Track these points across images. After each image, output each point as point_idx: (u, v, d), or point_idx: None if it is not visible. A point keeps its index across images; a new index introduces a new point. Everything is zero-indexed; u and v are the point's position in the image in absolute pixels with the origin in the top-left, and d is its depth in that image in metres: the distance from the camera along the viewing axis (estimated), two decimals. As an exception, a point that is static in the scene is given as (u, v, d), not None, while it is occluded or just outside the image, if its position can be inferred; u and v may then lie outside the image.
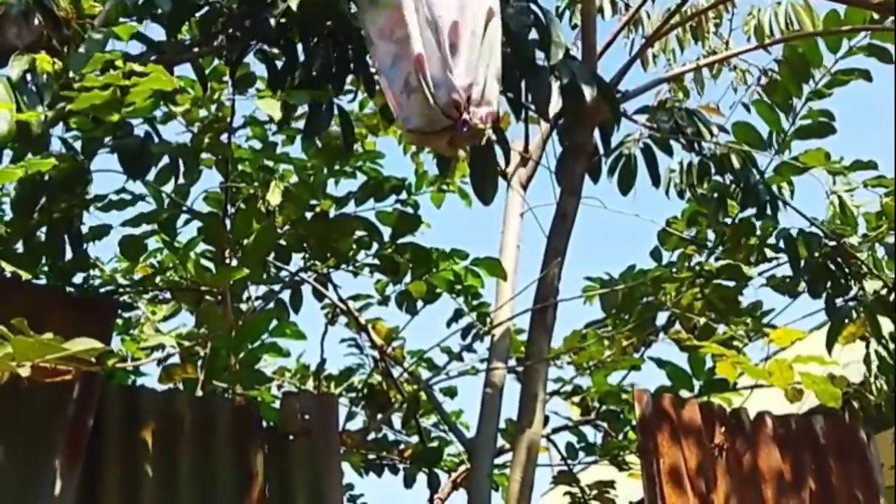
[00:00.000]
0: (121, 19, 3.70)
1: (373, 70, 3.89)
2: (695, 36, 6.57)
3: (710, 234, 5.27)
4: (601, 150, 4.48)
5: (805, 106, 4.93)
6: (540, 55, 3.99)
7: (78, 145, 3.89)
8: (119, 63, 3.31)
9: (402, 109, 3.20)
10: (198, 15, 3.96)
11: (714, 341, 4.68)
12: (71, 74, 3.45)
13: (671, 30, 5.96)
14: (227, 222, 4.57)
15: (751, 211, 4.90)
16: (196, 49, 4.08)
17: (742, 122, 4.96)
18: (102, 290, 4.74)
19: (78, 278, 4.30)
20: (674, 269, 5.23)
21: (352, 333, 5.47)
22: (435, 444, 5.64)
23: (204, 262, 4.58)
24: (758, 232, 5.04)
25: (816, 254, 4.87)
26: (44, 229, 4.03)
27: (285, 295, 4.89)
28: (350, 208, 4.64)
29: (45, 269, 4.18)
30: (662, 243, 5.36)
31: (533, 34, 4.00)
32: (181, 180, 4.26)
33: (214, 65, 4.42)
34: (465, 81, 3.13)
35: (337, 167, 4.71)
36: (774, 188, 4.91)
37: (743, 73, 6.15)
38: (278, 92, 3.84)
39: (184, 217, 4.52)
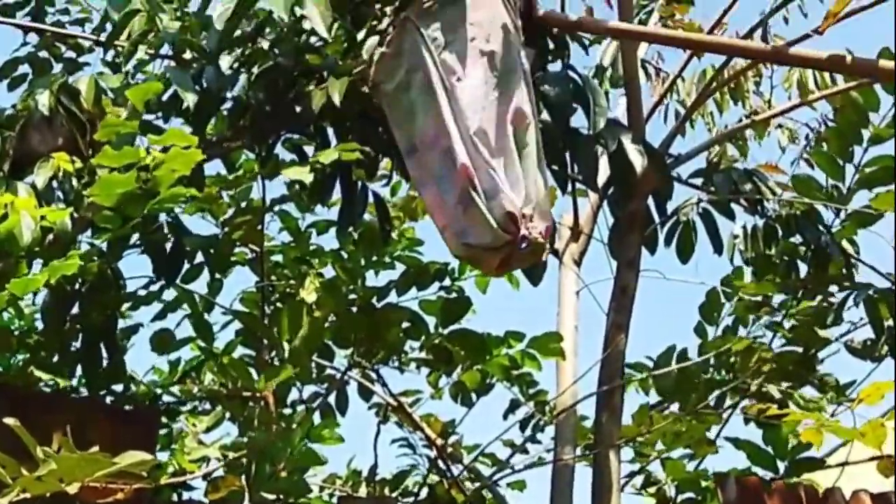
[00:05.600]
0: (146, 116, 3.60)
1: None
2: (734, 97, 6.43)
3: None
4: (656, 219, 4.30)
5: (866, 152, 4.68)
6: (583, 123, 3.84)
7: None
8: (142, 153, 3.20)
9: (456, 222, 3.07)
10: (224, 109, 3.85)
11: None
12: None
13: (713, 92, 5.79)
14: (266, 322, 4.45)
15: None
16: (224, 144, 3.98)
17: (802, 176, 4.77)
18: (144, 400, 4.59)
19: (117, 387, 4.16)
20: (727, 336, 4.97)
21: (402, 433, 5.24)
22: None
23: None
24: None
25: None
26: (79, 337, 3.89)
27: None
28: (392, 298, 4.47)
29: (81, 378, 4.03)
30: (713, 306, 5.06)
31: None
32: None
33: (243, 159, 4.32)
34: (517, 195, 3.01)
35: (375, 258, 4.57)
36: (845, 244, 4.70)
37: (791, 132, 5.97)
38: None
39: (219, 320, 4.47)
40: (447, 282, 4.54)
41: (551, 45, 3.94)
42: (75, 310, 3.80)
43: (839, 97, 4.86)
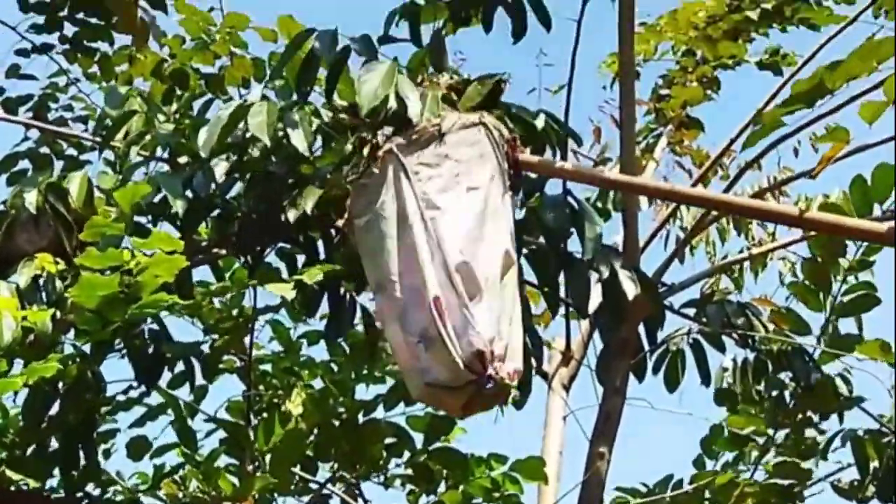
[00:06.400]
0: (136, 218, 3.58)
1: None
2: (737, 227, 6.42)
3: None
4: (646, 346, 4.24)
5: (844, 282, 4.72)
6: (579, 247, 3.83)
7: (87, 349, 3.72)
8: (126, 255, 3.18)
9: (419, 361, 2.99)
10: (213, 215, 3.83)
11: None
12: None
13: (713, 221, 5.77)
14: (251, 433, 4.40)
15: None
16: (214, 250, 3.96)
17: (784, 308, 4.77)
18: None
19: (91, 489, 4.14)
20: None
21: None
22: None
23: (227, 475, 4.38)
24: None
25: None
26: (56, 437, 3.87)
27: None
28: (379, 413, 4.47)
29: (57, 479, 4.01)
30: (714, 441, 5.05)
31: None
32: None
33: (235, 267, 4.30)
34: (488, 334, 2.93)
35: (365, 371, 4.54)
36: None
37: (792, 264, 5.95)
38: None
39: (203, 427, 4.43)
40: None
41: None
42: (56, 409, 3.76)
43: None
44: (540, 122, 3.62)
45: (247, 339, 4.29)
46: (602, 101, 6.39)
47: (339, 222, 3.43)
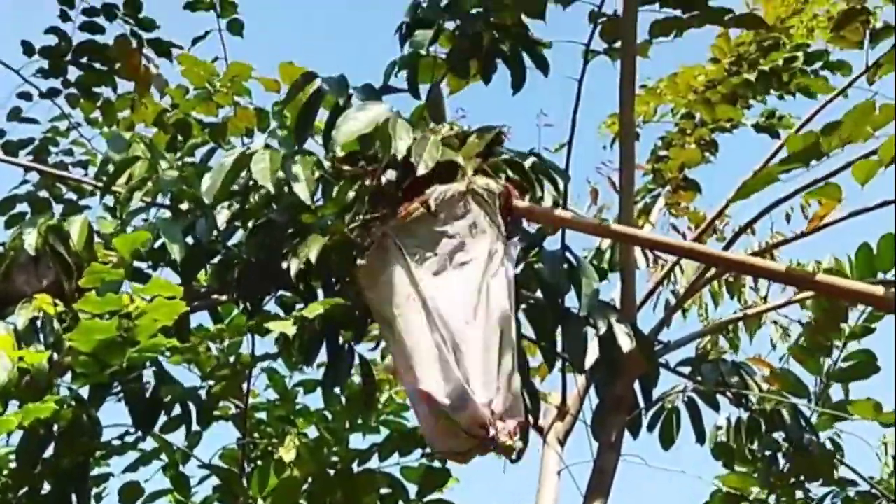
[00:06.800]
0: (135, 264, 3.59)
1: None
2: (730, 290, 6.44)
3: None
4: (641, 403, 4.24)
5: (844, 348, 4.74)
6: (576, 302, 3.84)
7: (85, 392, 3.71)
8: (125, 300, 3.17)
9: (427, 429, 3.16)
10: (214, 261, 3.84)
11: None
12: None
13: (706, 283, 5.79)
14: (244, 481, 4.44)
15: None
16: (213, 296, 3.96)
17: (782, 370, 4.78)
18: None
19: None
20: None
21: None
22: None
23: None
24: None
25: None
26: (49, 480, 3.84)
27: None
28: (373, 463, 4.46)
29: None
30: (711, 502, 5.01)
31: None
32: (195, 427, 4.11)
33: (235, 314, 4.30)
34: (485, 397, 3.03)
35: (360, 421, 4.57)
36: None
37: (784, 329, 5.98)
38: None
39: (197, 473, 4.44)
40: (430, 448, 4.50)
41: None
42: (50, 452, 3.74)
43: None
44: (527, 163, 3.65)
45: (244, 386, 4.30)
46: (599, 162, 6.42)
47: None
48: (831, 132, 3.14)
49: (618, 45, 4.10)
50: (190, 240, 3.70)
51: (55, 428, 3.68)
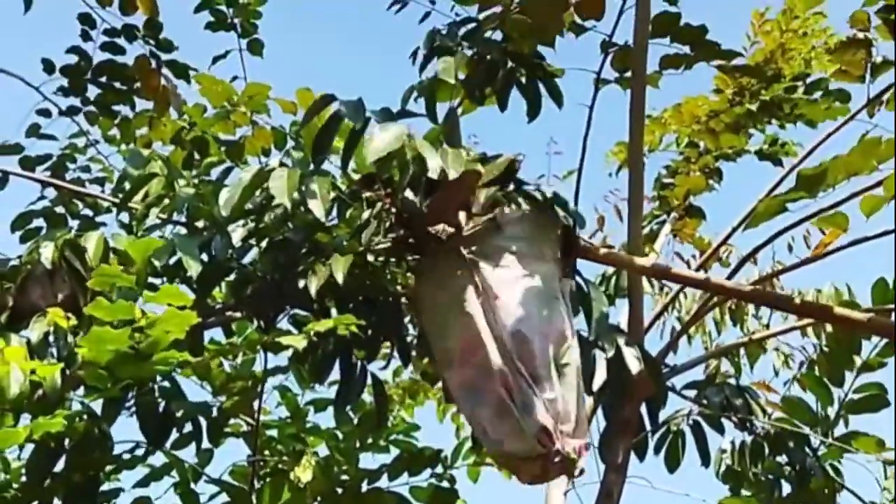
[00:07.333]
0: (150, 280, 3.59)
1: (408, 338, 3.85)
2: (733, 318, 6.48)
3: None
4: (648, 426, 4.28)
5: (857, 379, 4.77)
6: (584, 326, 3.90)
7: (97, 406, 3.71)
8: (137, 312, 3.15)
9: (493, 433, 3.17)
10: (229, 279, 3.85)
11: None
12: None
13: (710, 310, 5.82)
14: (254, 498, 4.44)
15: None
16: (227, 313, 3.99)
17: (793, 397, 4.82)
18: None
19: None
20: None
21: None
22: None
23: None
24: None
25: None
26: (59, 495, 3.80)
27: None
28: (383, 482, 4.47)
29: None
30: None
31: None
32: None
33: (249, 331, 4.33)
34: (553, 411, 3.12)
35: (370, 440, 4.58)
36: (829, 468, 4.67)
37: (786, 357, 6.02)
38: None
39: (207, 489, 4.41)
40: (440, 468, 4.56)
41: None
42: (60, 466, 3.73)
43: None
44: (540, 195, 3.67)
45: (255, 403, 4.32)
46: (606, 191, 6.49)
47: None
48: (838, 164, 3.20)
49: (628, 74, 4.16)
50: (205, 257, 3.70)
51: (66, 442, 3.66)
